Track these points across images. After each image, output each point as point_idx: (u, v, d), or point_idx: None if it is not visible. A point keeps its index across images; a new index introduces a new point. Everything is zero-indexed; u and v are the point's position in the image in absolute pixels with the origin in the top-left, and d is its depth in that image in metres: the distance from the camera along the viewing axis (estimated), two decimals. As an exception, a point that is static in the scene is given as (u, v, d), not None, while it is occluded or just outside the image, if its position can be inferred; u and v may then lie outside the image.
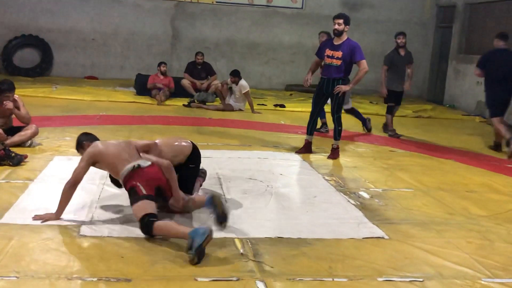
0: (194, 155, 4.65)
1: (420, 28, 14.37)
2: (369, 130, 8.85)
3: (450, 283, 3.40)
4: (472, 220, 4.67)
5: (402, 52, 8.63)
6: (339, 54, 6.57)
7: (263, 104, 11.10)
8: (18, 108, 6.32)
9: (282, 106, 11.08)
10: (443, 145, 8.25)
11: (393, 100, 8.76)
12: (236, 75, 10.35)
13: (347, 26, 6.57)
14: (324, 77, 6.72)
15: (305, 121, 7.05)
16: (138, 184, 3.91)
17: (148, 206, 3.82)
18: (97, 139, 4.34)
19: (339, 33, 6.58)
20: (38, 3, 13.13)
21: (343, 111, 7.23)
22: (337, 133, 6.81)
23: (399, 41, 8.59)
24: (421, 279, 3.42)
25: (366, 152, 7.37)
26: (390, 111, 8.82)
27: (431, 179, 5.98)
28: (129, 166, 4.01)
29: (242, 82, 10.35)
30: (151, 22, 13.68)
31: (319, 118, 7.61)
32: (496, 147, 8.10)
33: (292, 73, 14.05)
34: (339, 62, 6.58)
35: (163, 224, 3.73)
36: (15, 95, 6.34)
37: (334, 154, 6.78)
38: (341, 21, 6.53)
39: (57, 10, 13.27)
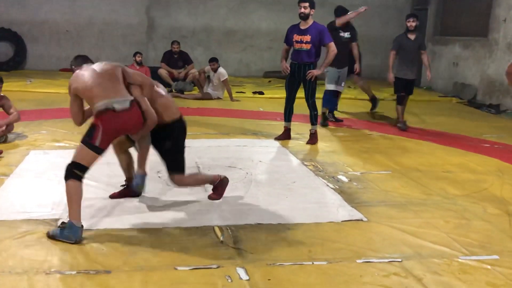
0: (179, 126, 4.17)
1: (396, 12, 14.41)
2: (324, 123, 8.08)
3: (428, 262, 3.45)
4: (449, 200, 4.74)
5: (411, 36, 7.90)
6: (307, 38, 6.56)
7: (241, 92, 11.07)
8: (5, 106, 6.26)
9: (261, 93, 11.07)
10: (420, 127, 8.32)
11: (403, 89, 7.99)
12: (216, 61, 10.32)
13: (313, 10, 6.59)
14: (295, 62, 6.69)
15: (283, 108, 7.04)
16: (99, 129, 3.63)
17: (86, 157, 3.64)
18: (88, 61, 3.98)
19: (305, 17, 6.57)
20: (9, -4, 12.88)
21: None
22: (314, 118, 6.82)
23: (408, 24, 7.85)
24: (399, 260, 3.46)
25: (344, 136, 7.40)
26: (400, 102, 8.03)
27: (408, 160, 6.05)
28: (102, 104, 3.67)
29: (221, 70, 10.31)
30: (125, 12, 13.50)
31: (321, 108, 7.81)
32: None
33: (270, 60, 14.01)
34: (308, 46, 6.57)
35: (72, 187, 3.61)
36: (3, 95, 6.31)
37: (313, 139, 6.81)
38: (306, 4, 6.53)
39: (29, 2, 13.02)
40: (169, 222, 3.94)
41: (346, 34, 7.99)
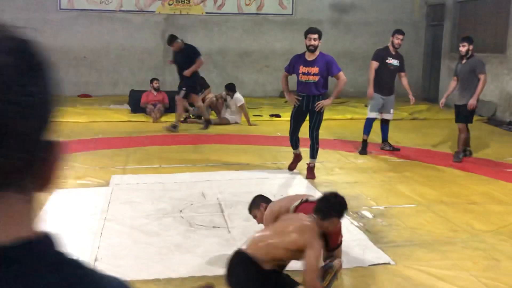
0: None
1: (411, 28, 14.34)
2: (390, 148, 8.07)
3: (460, 311, 3.40)
4: (476, 236, 4.66)
5: (463, 61, 7.42)
6: (315, 70, 6.33)
7: (259, 115, 11.08)
8: None
9: (278, 116, 11.07)
10: (441, 150, 8.23)
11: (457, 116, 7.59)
12: (231, 90, 10.35)
13: (320, 41, 6.40)
14: (303, 94, 6.47)
15: (301, 132, 6.89)
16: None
17: None
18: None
19: (315, 49, 6.34)
20: (26, 24, 12.88)
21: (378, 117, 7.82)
22: (315, 151, 6.57)
23: (459, 49, 7.39)
24: (430, 309, 3.41)
25: (365, 163, 7.35)
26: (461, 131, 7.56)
27: (432, 191, 5.97)
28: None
29: (237, 95, 10.34)
30: (141, 36, 13.64)
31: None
32: None
33: (285, 80, 14.01)
34: (316, 78, 6.33)
35: None
36: None
37: (312, 173, 6.54)
38: (316, 36, 6.28)
39: (47, 30, 13.17)
40: (195, 271, 3.93)
41: (395, 62, 7.82)
